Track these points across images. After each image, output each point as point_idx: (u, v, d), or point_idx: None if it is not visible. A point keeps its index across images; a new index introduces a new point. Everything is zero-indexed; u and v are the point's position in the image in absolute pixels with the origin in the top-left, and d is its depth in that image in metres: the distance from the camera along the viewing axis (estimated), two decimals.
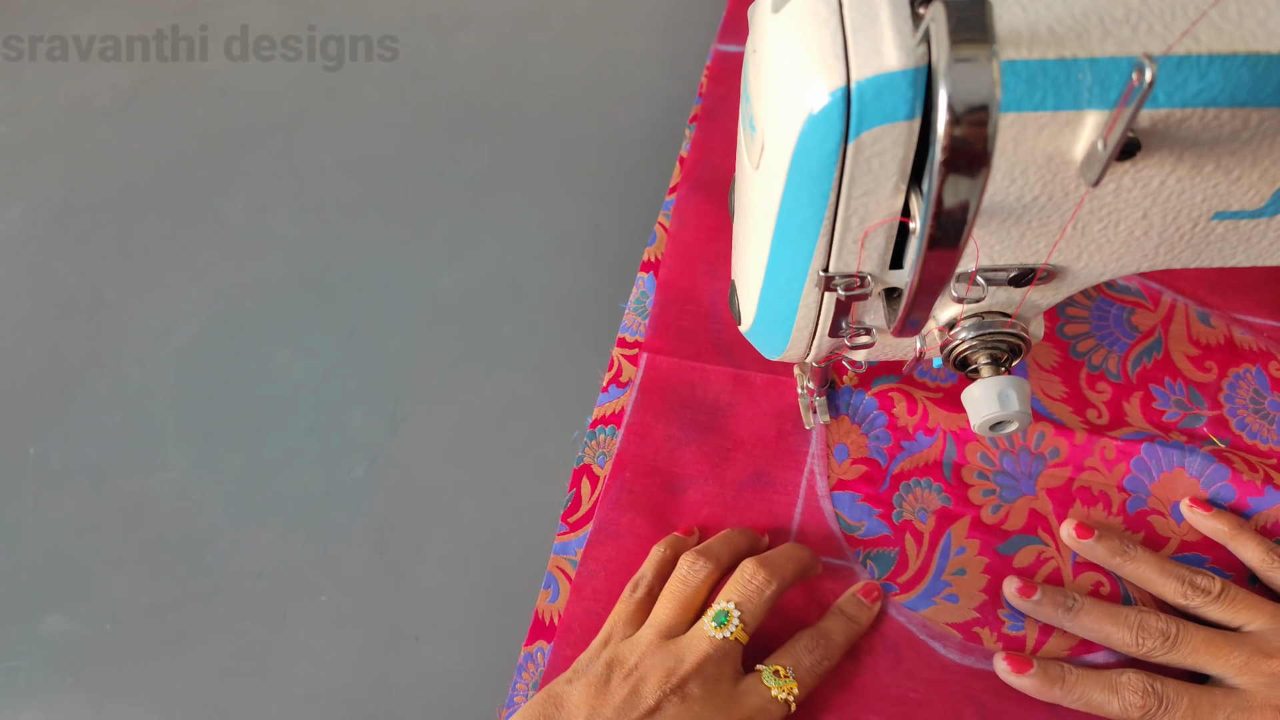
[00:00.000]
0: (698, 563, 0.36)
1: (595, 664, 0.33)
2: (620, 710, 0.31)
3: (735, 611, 0.33)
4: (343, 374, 0.47)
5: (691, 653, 0.33)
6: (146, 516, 0.43)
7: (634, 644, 0.34)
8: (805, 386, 0.42)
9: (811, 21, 0.24)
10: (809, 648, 0.34)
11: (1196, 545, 0.38)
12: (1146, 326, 0.44)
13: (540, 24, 0.63)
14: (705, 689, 0.32)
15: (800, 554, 0.37)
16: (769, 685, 0.33)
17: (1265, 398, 0.41)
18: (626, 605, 0.36)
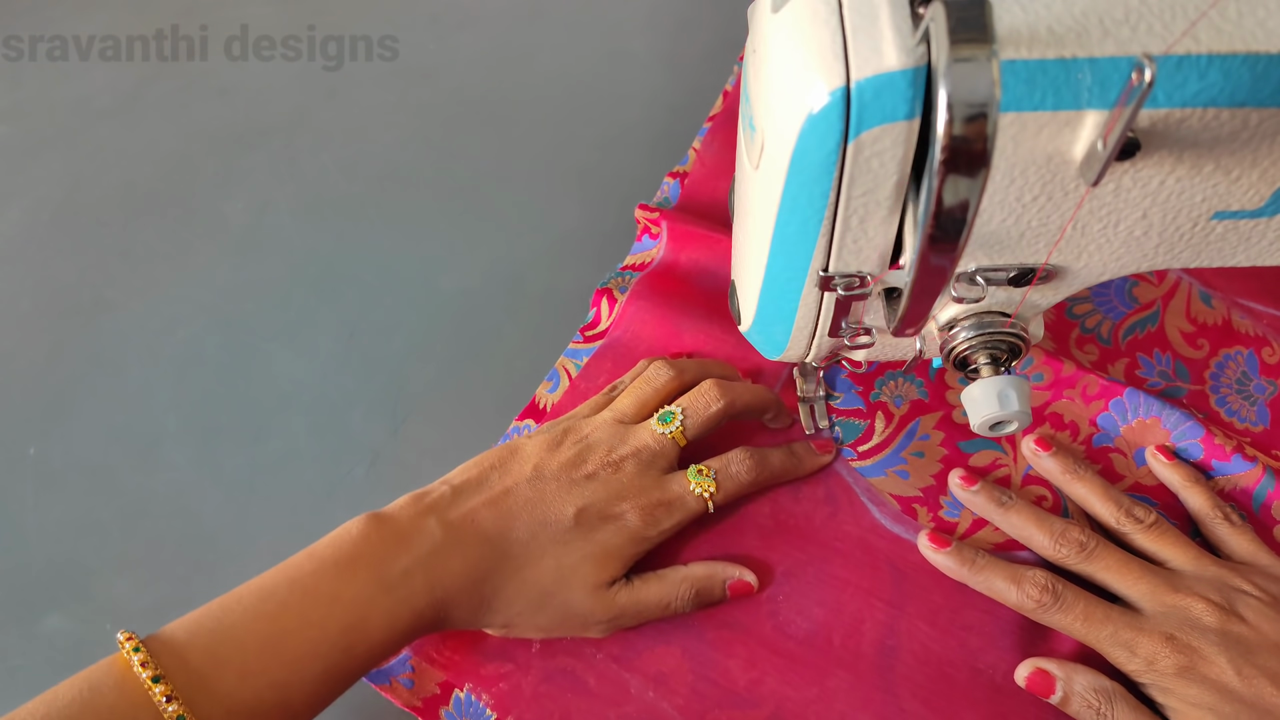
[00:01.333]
0: (664, 369, 0.40)
1: (555, 427, 0.38)
2: (563, 466, 0.36)
3: (680, 415, 0.38)
4: (343, 374, 0.47)
5: (634, 439, 0.37)
6: (146, 516, 0.43)
7: (591, 421, 0.38)
8: (805, 388, 0.42)
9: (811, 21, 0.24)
10: (739, 459, 0.38)
11: (1149, 490, 0.39)
12: (1146, 299, 0.44)
13: (540, 24, 0.63)
14: (637, 469, 0.36)
15: (762, 393, 0.40)
16: (690, 480, 0.37)
17: (1252, 380, 0.42)
18: (599, 399, 0.41)
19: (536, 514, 0.35)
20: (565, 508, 0.35)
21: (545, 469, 0.36)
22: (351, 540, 0.33)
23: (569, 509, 0.35)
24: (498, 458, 0.37)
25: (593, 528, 0.35)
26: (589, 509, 0.35)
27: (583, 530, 0.35)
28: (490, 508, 0.35)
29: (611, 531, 0.35)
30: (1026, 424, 0.31)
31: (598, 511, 0.35)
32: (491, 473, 0.36)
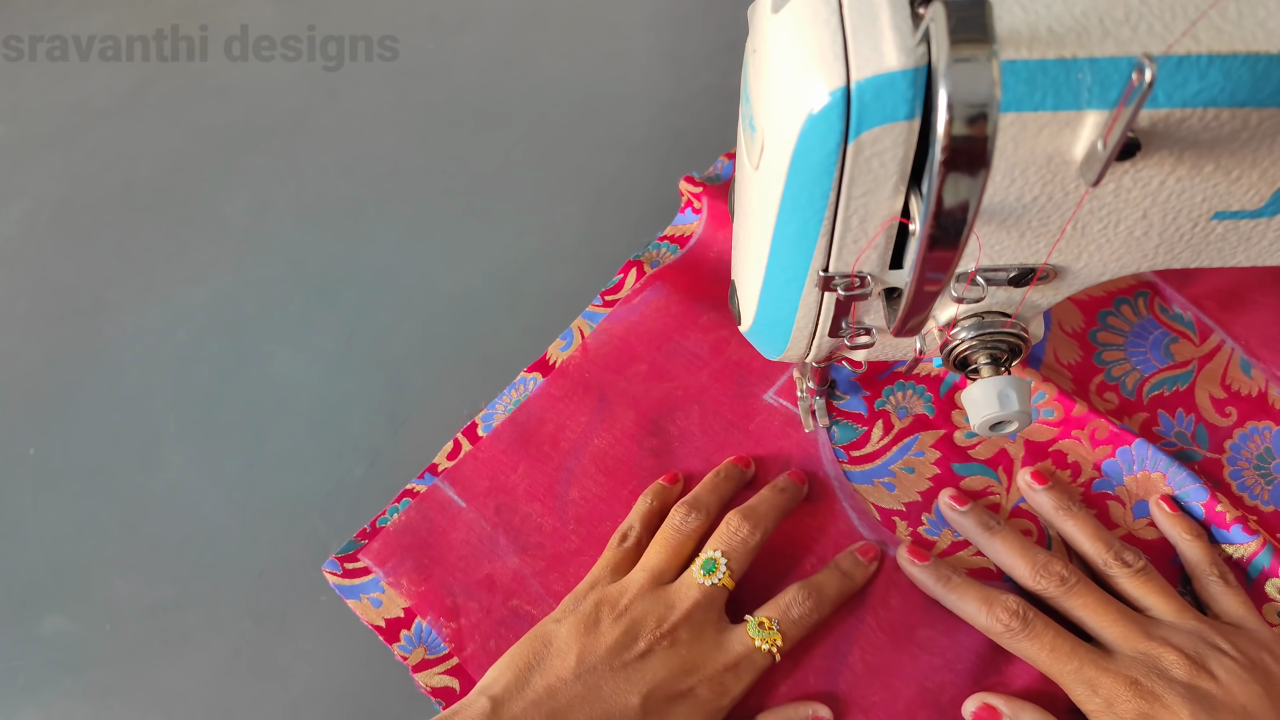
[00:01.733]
0: (690, 515, 0.37)
1: (583, 604, 0.35)
2: (612, 652, 0.32)
3: (722, 560, 0.35)
4: (343, 374, 0.47)
5: (681, 599, 0.34)
6: (146, 516, 0.43)
7: (624, 587, 0.35)
8: (805, 388, 0.42)
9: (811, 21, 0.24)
10: (799, 600, 0.35)
11: (1142, 544, 0.38)
12: (1183, 357, 0.42)
13: (540, 24, 0.63)
14: (693, 634, 0.33)
15: (780, 500, 0.38)
16: (753, 636, 0.34)
17: (1274, 459, 0.40)
18: (614, 554, 0.37)
19: (596, 712, 0.31)
20: (629, 698, 0.32)
21: (591, 657, 0.32)
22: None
23: (633, 699, 0.31)
24: (531, 652, 0.33)
25: (663, 713, 0.32)
26: (655, 693, 0.32)
27: (654, 718, 0.32)
28: (538, 714, 0.31)
29: (685, 713, 0.32)
30: (1027, 424, 0.31)
31: (665, 694, 0.32)
32: (530, 674, 0.32)
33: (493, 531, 0.40)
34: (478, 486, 0.41)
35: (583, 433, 0.43)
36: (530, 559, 0.39)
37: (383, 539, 0.40)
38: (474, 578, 0.39)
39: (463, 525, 0.40)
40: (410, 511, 0.41)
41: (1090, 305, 0.44)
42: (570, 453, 0.42)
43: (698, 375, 0.44)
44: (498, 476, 0.42)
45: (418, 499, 0.41)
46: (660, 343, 0.45)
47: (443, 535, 0.40)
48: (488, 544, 0.40)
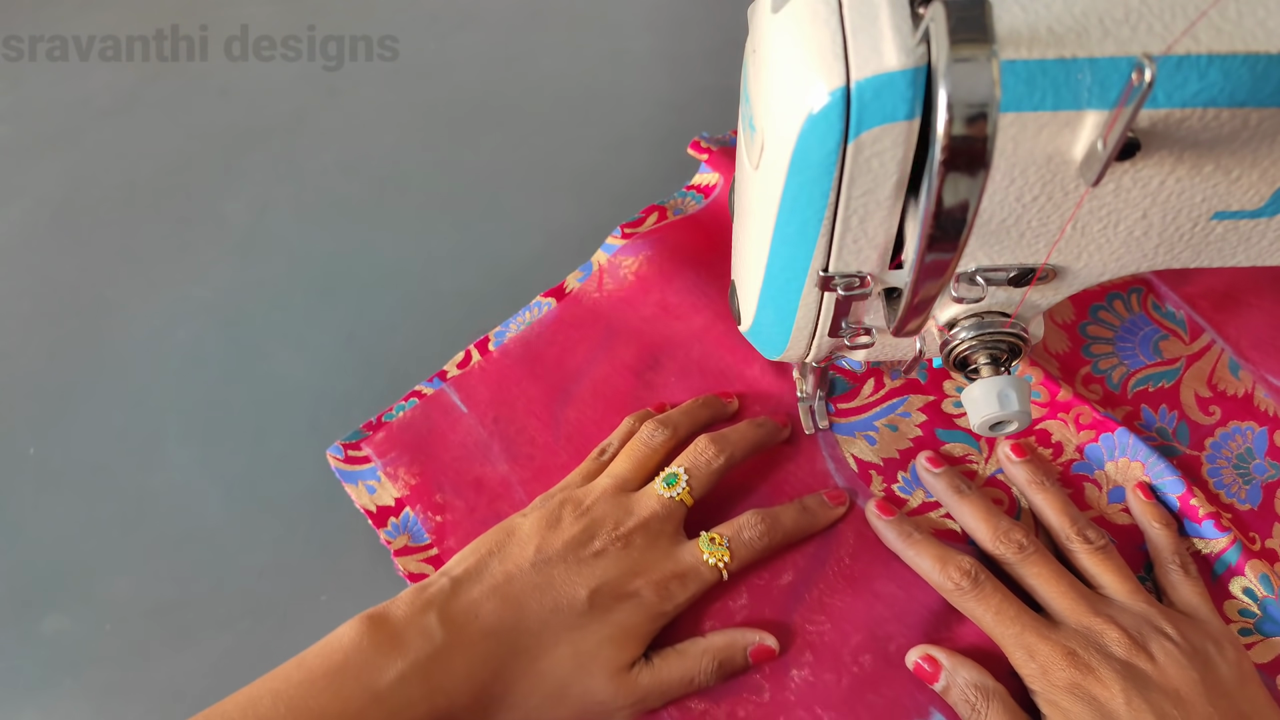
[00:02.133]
0: (658, 430, 0.39)
1: (550, 501, 0.36)
2: (568, 546, 0.34)
3: (684, 475, 0.37)
4: (343, 374, 0.47)
5: (640, 507, 0.36)
6: (146, 516, 0.43)
7: (589, 490, 0.37)
8: (804, 389, 0.42)
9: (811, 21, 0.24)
10: (751, 523, 0.37)
11: (1112, 529, 0.38)
12: (1171, 355, 0.43)
13: (540, 24, 0.63)
14: (647, 541, 0.35)
15: (754, 433, 0.39)
16: (703, 549, 0.36)
17: (1254, 459, 0.40)
18: (589, 464, 0.40)
19: (546, 600, 0.33)
20: (577, 590, 0.33)
21: (549, 549, 0.34)
22: (342, 648, 0.31)
23: (581, 591, 0.33)
24: (494, 542, 0.35)
25: (608, 608, 0.33)
26: (602, 589, 0.33)
27: (598, 612, 0.33)
28: (494, 598, 0.33)
29: (629, 610, 0.34)
30: (1027, 424, 0.31)
31: (611, 590, 0.34)
32: (490, 559, 0.34)
33: (488, 439, 0.43)
34: (480, 396, 0.44)
35: (586, 359, 0.45)
36: (518, 468, 0.42)
37: (386, 431, 0.43)
38: (464, 478, 0.42)
39: (461, 429, 0.43)
40: (415, 410, 0.44)
41: (1083, 298, 0.44)
42: (571, 376, 0.44)
43: (703, 314, 0.45)
44: (500, 389, 0.44)
45: (424, 400, 0.44)
46: (672, 278, 0.46)
47: (441, 436, 0.43)
48: (482, 449, 0.42)
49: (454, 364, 0.46)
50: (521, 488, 0.41)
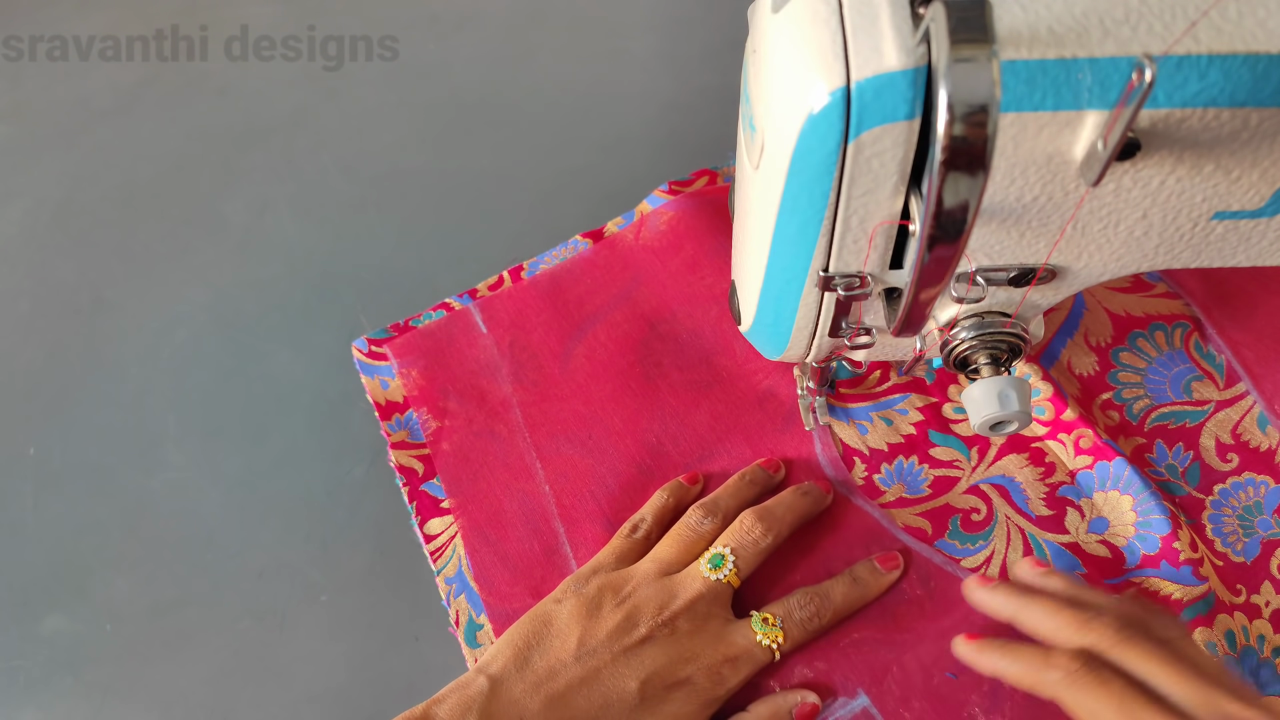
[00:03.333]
0: (706, 518, 0.37)
1: (586, 587, 0.35)
2: (612, 636, 0.33)
3: (730, 556, 0.35)
4: (343, 374, 0.47)
5: (685, 590, 0.34)
6: (146, 516, 0.43)
7: (629, 574, 0.35)
8: (805, 387, 0.42)
9: (811, 21, 0.24)
10: (802, 603, 0.35)
11: (1083, 556, 0.38)
12: (1201, 398, 0.41)
13: (540, 24, 0.63)
14: (694, 625, 0.34)
15: (800, 504, 0.38)
16: (756, 631, 0.34)
17: (1260, 515, 0.39)
18: (622, 542, 0.38)
19: (595, 695, 0.32)
20: (627, 683, 0.32)
21: (591, 640, 0.33)
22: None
23: (631, 683, 0.32)
24: (530, 632, 0.33)
25: (661, 699, 0.32)
26: (653, 679, 0.32)
27: (650, 704, 0.32)
28: (538, 695, 0.31)
29: (681, 699, 0.32)
30: (1027, 424, 0.31)
31: (662, 680, 0.32)
32: (530, 653, 0.33)
33: (499, 360, 0.45)
34: (502, 319, 0.46)
35: (607, 303, 0.46)
36: (522, 390, 0.44)
37: (409, 336, 0.46)
38: (470, 392, 0.44)
39: (477, 347, 0.46)
40: (440, 321, 0.47)
41: (1124, 323, 0.43)
42: (590, 316, 0.46)
43: (725, 275, 0.45)
44: (522, 316, 0.46)
45: (450, 314, 0.47)
46: (704, 239, 0.47)
47: (458, 349, 0.46)
48: (492, 368, 0.45)
49: (486, 285, 0.48)
50: (520, 410, 0.43)
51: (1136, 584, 0.37)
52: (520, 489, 0.41)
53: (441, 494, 0.41)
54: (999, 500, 0.40)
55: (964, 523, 0.39)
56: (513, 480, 0.42)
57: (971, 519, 0.39)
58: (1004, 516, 0.39)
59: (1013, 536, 0.38)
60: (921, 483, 0.40)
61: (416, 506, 0.41)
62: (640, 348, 0.45)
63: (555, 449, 0.42)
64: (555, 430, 0.43)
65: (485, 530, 0.40)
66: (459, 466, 0.42)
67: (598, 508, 0.40)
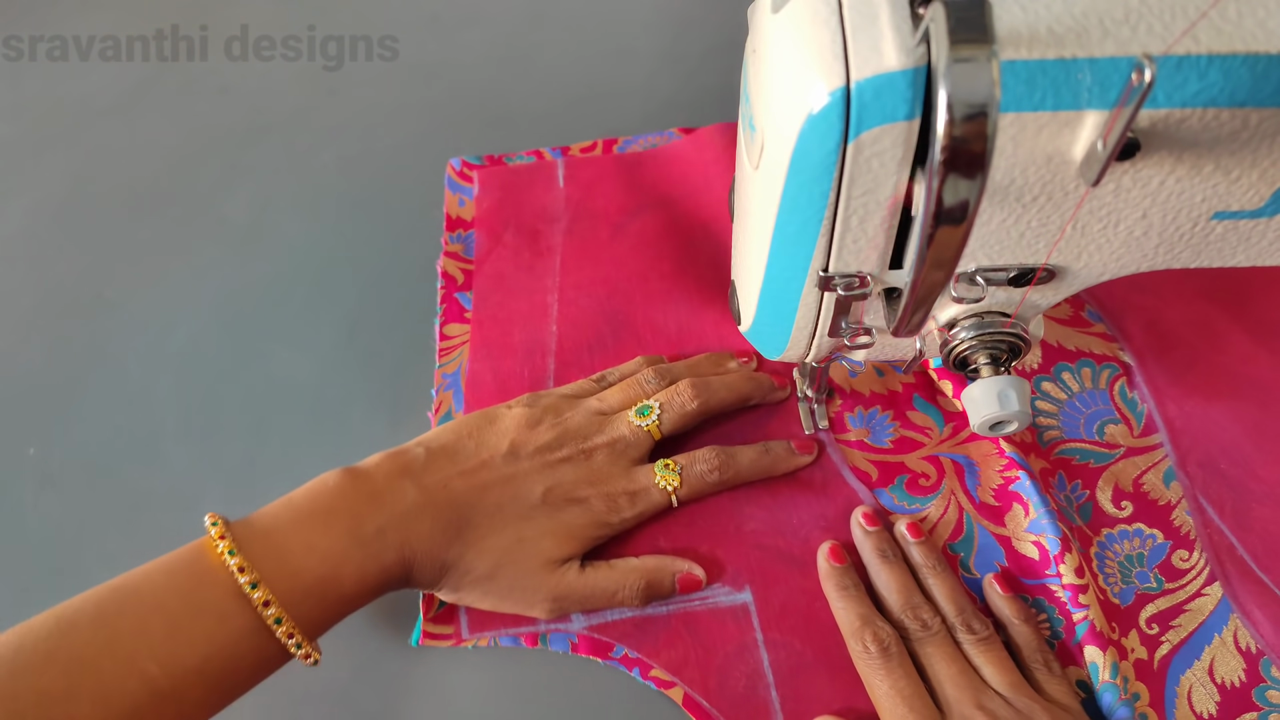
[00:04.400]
0: (655, 378, 0.41)
1: (536, 404, 0.39)
2: (539, 449, 0.37)
3: (657, 409, 0.39)
4: (343, 372, 0.47)
5: (611, 429, 0.38)
6: (147, 517, 0.43)
7: (573, 403, 0.40)
8: (804, 391, 0.42)
9: (811, 21, 0.24)
10: (707, 457, 0.39)
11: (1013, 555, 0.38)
12: (1112, 441, 0.40)
13: (541, 24, 0.63)
14: (608, 459, 0.38)
15: (741, 385, 0.41)
16: (656, 473, 0.38)
17: (1139, 568, 0.37)
18: (585, 383, 0.42)
19: (507, 490, 0.36)
20: (535, 486, 0.36)
21: (521, 447, 0.37)
22: (329, 493, 0.34)
23: (538, 488, 0.36)
24: (475, 426, 0.38)
25: (557, 507, 0.36)
26: (556, 489, 0.36)
27: (548, 509, 0.36)
28: (464, 478, 0.36)
29: (575, 513, 0.36)
30: (1027, 424, 0.31)
31: (564, 493, 0.36)
32: (468, 441, 0.37)
33: (562, 213, 0.50)
34: (580, 180, 0.52)
35: (673, 195, 0.51)
36: (569, 243, 0.49)
37: (497, 170, 0.53)
38: (526, 229, 0.50)
39: (550, 196, 0.51)
40: (528, 165, 0.53)
41: (1054, 354, 0.43)
42: (654, 201, 0.51)
43: None
44: (598, 182, 0.52)
45: (539, 161, 0.53)
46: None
47: (532, 193, 0.51)
48: (553, 217, 0.50)
49: (579, 147, 0.54)
50: (561, 258, 0.48)
51: (1051, 591, 0.36)
52: (533, 324, 0.46)
53: (469, 305, 0.47)
54: (951, 475, 0.40)
55: (910, 483, 0.40)
56: (530, 314, 0.47)
57: (919, 483, 0.40)
58: (950, 490, 0.39)
59: (949, 512, 0.39)
60: (887, 437, 0.41)
61: (445, 309, 0.47)
62: (684, 243, 0.48)
63: (574, 299, 0.47)
64: (581, 284, 0.47)
65: (490, 347, 0.46)
66: (491, 288, 0.48)
67: (590, 362, 0.45)
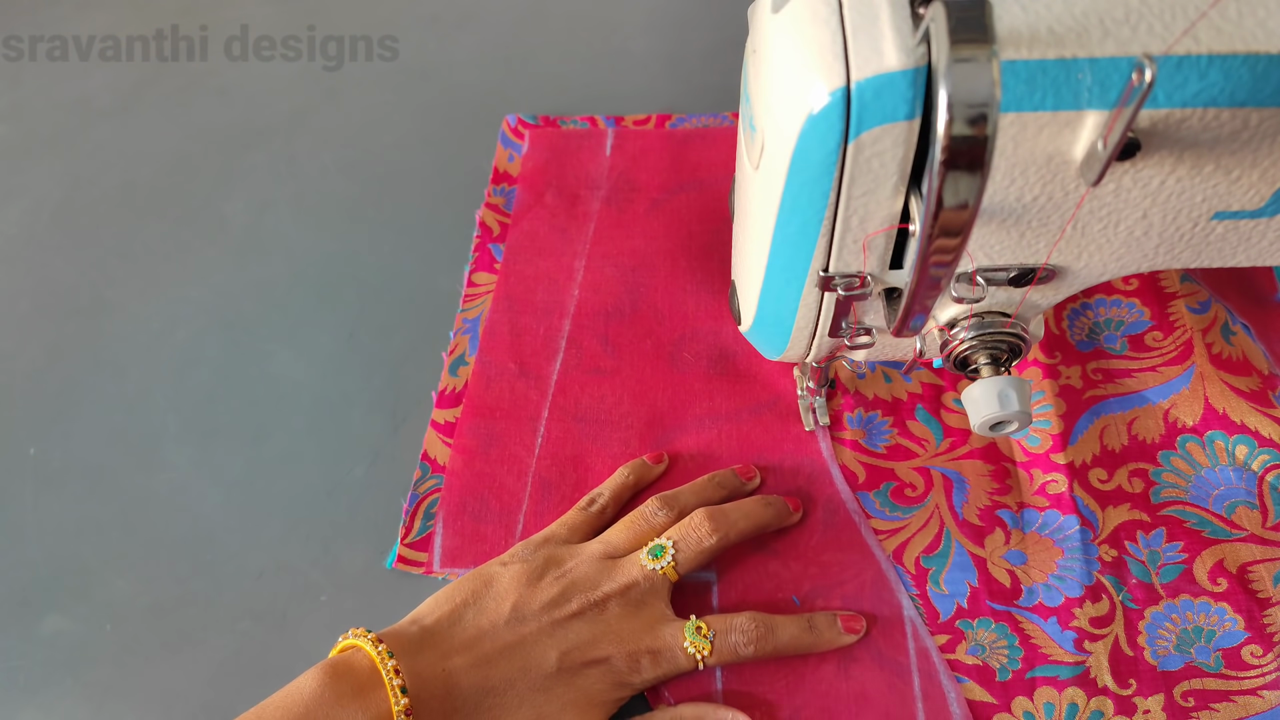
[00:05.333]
0: (661, 510, 0.38)
1: (534, 557, 0.36)
2: (545, 607, 0.34)
3: (671, 549, 0.36)
4: (343, 374, 0.47)
5: (622, 575, 0.35)
6: (146, 516, 0.43)
7: (576, 551, 0.36)
8: (805, 387, 0.42)
9: (811, 21, 0.24)
10: (744, 628, 0.35)
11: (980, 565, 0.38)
12: (1237, 523, 0.37)
13: (540, 24, 0.63)
14: (625, 610, 0.34)
15: (759, 513, 0.38)
16: (686, 635, 0.34)
17: (1201, 643, 0.35)
18: (576, 515, 0.39)
19: (516, 660, 0.32)
20: (548, 653, 0.33)
21: (525, 607, 0.34)
22: (303, 699, 0.30)
23: (552, 654, 0.33)
24: (471, 592, 0.34)
25: (575, 673, 0.33)
26: (572, 652, 0.33)
27: (565, 676, 0.33)
28: (464, 654, 0.32)
29: (595, 677, 0.33)
30: (1027, 424, 0.31)
31: (581, 655, 0.33)
32: (465, 610, 0.34)
33: (604, 181, 0.52)
34: (627, 151, 0.53)
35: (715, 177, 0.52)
36: (606, 212, 0.51)
37: (549, 131, 0.55)
38: (567, 193, 0.52)
39: (595, 163, 0.53)
40: (580, 131, 0.55)
41: (1213, 419, 0.40)
42: (696, 182, 0.52)
43: None
44: (644, 156, 0.53)
45: (591, 128, 0.55)
46: None
47: (579, 159, 0.53)
48: (595, 184, 0.52)
49: (633, 119, 0.55)
50: (596, 226, 0.50)
51: (1017, 620, 0.36)
52: (557, 284, 0.48)
53: (499, 257, 0.49)
54: (940, 489, 0.40)
55: (895, 491, 0.40)
56: (555, 274, 0.48)
57: (905, 492, 0.40)
58: (935, 504, 0.39)
59: (930, 524, 0.39)
60: (882, 442, 0.41)
61: (477, 258, 0.49)
62: (719, 226, 0.49)
63: (600, 266, 0.48)
64: (610, 253, 0.49)
65: (513, 300, 0.48)
66: (523, 244, 0.50)
67: (604, 329, 0.46)
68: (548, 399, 0.44)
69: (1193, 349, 0.41)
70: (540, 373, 0.45)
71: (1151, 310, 0.42)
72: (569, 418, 0.43)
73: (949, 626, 0.36)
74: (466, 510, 0.41)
